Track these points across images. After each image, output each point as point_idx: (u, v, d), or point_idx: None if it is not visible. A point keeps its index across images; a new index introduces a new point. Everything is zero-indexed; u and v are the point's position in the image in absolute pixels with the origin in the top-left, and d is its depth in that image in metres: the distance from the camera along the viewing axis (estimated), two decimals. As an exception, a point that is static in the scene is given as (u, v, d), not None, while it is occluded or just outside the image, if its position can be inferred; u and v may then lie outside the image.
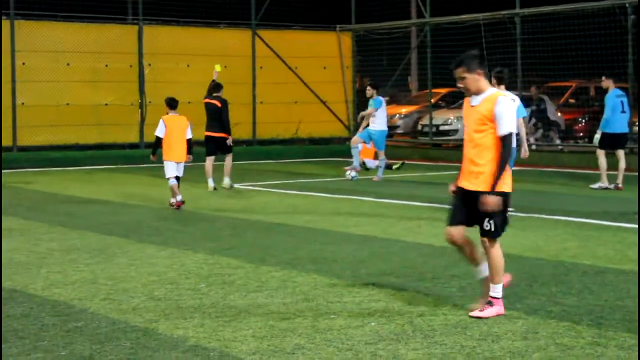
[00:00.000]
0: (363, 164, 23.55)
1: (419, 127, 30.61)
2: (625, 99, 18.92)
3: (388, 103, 31.67)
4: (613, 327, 7.34)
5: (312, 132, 30.83)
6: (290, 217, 14.57)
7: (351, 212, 15.13)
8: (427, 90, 29.88)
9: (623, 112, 18.81)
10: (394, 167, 24.03)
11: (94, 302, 8.37)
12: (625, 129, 19.18)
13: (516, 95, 15.86)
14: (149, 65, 27.65)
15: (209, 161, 18.94)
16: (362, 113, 22.00)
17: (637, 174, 19.39)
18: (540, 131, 27.77)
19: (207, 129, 19.04)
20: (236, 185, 19.83)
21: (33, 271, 9.96)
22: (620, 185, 18.62)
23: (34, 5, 26.77)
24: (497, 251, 7.82)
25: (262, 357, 6.61)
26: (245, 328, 7.39)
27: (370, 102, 21.14)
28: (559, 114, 28.27)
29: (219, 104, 18.90)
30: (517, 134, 14.18)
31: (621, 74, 24.82)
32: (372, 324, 7.52)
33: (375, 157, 22.30)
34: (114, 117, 26.91)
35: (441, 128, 29.25)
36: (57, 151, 26.21)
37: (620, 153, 18.89)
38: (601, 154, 18.77)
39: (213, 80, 19.86)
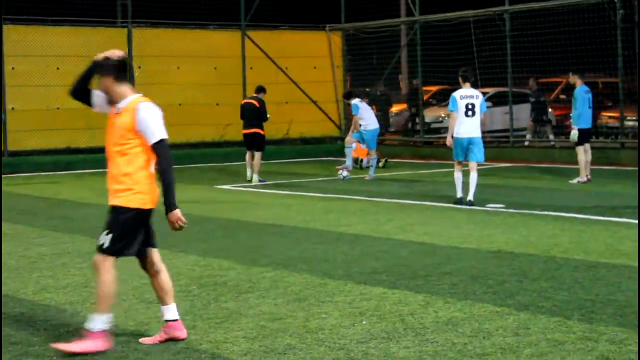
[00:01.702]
0: (360, 162, 23.69)
1: (410, 125, 30.64)
2: (591, 95, 19.52)
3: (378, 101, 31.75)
4: (604, 321, 7.35)
5: (304, 132, 30.81)
6: (282, 217, 14.57)
7: (343, 212, 15.13)
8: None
9: (590, 107, 19.43)
10: (380, 164, 24.02)
11: (85, 306, 8.36)
12: (591, 124, 19.85)
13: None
14: (139, 67, 27.61)
15: (248, 155, 21.15)
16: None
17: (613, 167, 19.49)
18: (537, 126, 27.57)
19: (243, 127, 21.33)
20: (228, 187, 19.94)
21: (24, 276, 9.95)
22: (589, 176, 19.18)
23: (23, 9, 26.71)
24: (107, 275, 6.79)
25: (253, 358, 6.61)
26: (236, 329, 7.39)
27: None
28: (550, 109, 28.30)
29: (256, 104, 21.13)
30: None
31: (611, 68, 24.88)
32: (364, 322, 7.52)
33: (368, 155, 22.39)
34: (104, 121, 26.52)
35: (432, 126, 29.26)
36: (49, 155, 26.17)
37: (587, 147, 19.42)
38: (580, 151, 19.28)
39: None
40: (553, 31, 25.25)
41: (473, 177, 15.42)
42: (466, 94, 15.49)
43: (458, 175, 15.67)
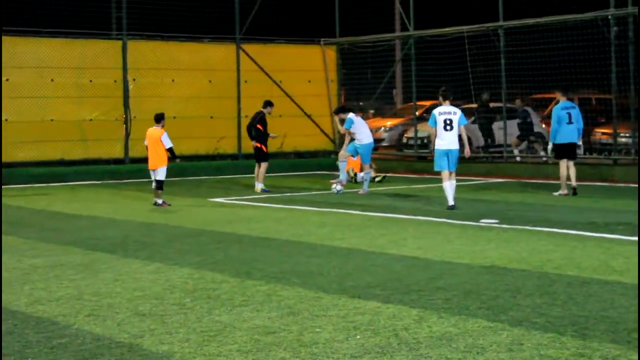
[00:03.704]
0: (354, 176, 23.73)
1: (404, 140, 30.67)
2: (573, 111, 19.70)
3: (373, 116, 31.77)
4: (598, 337, 7.35)
5: (298, 145, 30.84)
6: (275, 230, 14.57)
7: (337, 225, 15.12)
8: (412, 103, 29.93)
9: (570, 123, 19.60)
10: (376, 179, 24.07)
11: (79, 319, 8.35)
12: (573, 139, 19.89)
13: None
14: (134, 80, 27.63)
15: (256, 167, 22.04)
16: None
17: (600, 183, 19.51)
18: (525, 143, 27.86)
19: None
20: (221, 200, 19.92)
21: (17, 288, 9.92)
22: (566, 191, 19.60)
23: (18, 20, 26.70)
24: None
25: (247, 372, 6.61)
26: (230, 342, 7.38)
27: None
28: (543, 125, 28.38)
29: (253, 117, 22.20)
30: (459, 137, 17.27)
31: (605, 85, 24.96)
32: (358, 337, 7.51)
33: (362, 170, 22.41)
34: (98, 133, 26.84)
35: (426, 141, 29.29)
36: (42, 167, 26.14)
37: (569, 163, 19.74)
38: (561, 164, 19.76)
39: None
40: (547, 47, 25.34)
41: (452, 183, 17.18)
42: (445, 111, 17.27)
43: (446, 185, 17.18)
